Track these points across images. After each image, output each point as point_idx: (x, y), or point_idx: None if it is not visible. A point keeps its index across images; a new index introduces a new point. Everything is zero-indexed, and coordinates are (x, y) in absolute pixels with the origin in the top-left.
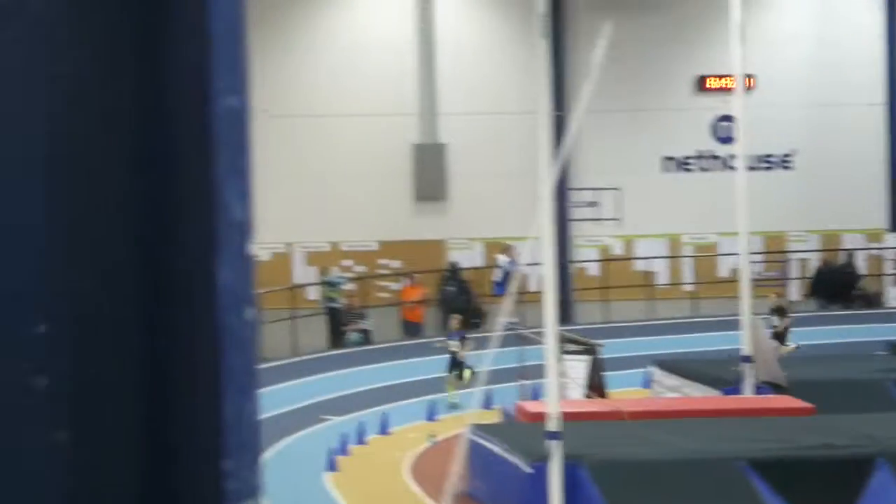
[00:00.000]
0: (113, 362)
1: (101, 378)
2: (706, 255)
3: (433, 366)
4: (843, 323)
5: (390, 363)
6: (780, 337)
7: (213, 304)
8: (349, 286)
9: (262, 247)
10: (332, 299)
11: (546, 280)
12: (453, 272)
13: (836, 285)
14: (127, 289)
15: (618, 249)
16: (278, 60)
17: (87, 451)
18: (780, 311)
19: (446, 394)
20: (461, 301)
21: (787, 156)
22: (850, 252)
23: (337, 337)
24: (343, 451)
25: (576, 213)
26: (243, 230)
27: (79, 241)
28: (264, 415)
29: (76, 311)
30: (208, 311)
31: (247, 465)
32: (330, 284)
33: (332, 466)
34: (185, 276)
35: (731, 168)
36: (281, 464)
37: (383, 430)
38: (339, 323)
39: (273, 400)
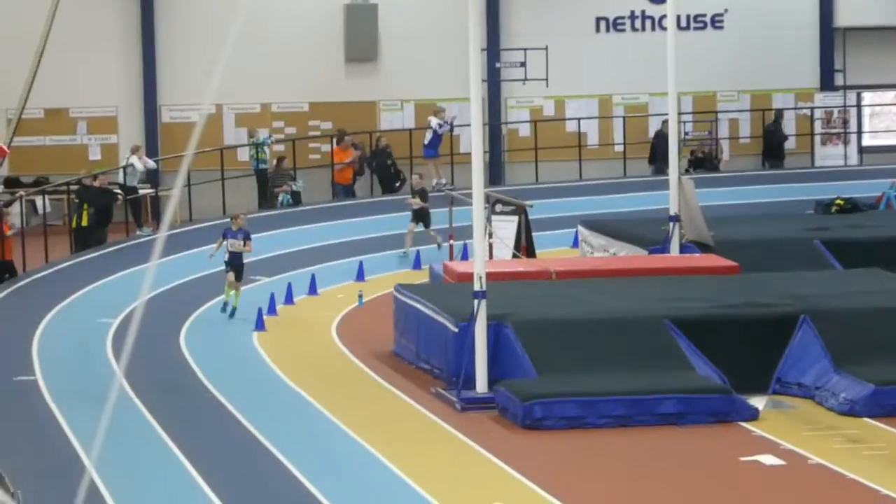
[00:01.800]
0: None
1: None
2: (637, 116)
3: (363, 227)
4: (774, 182)
5: (320, 224)
6: (423, 218)
7: None
8: (279, 148)
9: (192, 108)
10: (260, 161)
11: (474, 140)
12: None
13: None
14: None
15: (549, 110)
16: None
17: None
18: (421, 194)
19: (224, 297)
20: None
21: (718, 15)
22: (778, 112)
23: (267, 198)
24: (272, 311)
25: (507, 73)
26: None
27: None
28: (196, 275)
29: None
30: None
31: None
32: (258, 146)
33: (260, 326)
34: None
35: (664, 28)
36: (210, 323)
37: (312, 290)
38: (268, 184)
39: (202, 260)
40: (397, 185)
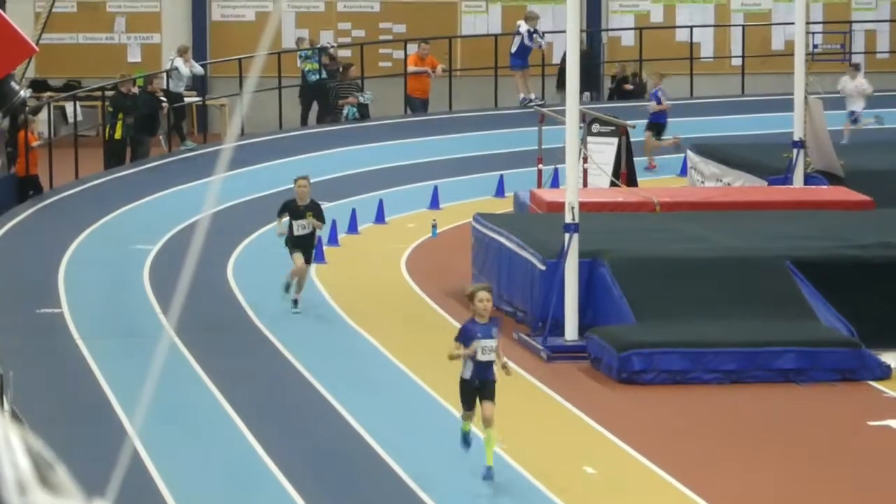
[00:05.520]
0: None
1: None
2: (758, 25)
3: (439, 147)
4: None
5: (390, 142)
6: (307, 247)
7: None
8: (345, 53)
9: (245, 5)
10: (312, 72)
11: (569, 49)
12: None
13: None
14: None
15: (657, 17)
16: None
17: None
18: (315, 211)
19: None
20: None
21: None
22: None
23: (328, 111)
24: (333, 241)
25: None
26: None
27: None
28: (245, 197)
29: None
30: None
31: None
32: (305, 57)
33: (320, 258)
34: None
35: None
36: (262, 253)
37: (379, 218)
38: (331, 95)
39: (255, 180)
40: (334, 113)
